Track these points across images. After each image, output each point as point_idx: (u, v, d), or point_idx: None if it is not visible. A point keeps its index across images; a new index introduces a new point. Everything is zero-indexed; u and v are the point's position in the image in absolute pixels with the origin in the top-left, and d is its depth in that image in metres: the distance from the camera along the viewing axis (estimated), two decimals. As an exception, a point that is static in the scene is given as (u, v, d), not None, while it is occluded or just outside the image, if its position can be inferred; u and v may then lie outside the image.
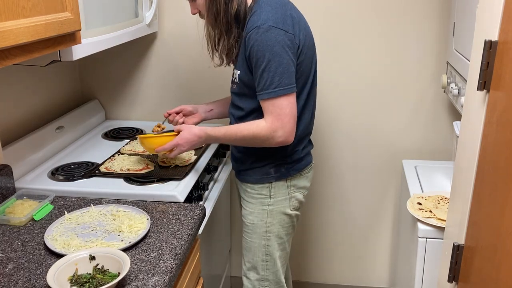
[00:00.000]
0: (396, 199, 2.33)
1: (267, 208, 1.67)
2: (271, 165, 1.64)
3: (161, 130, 1.90)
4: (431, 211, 1.63)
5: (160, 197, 1.57)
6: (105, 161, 1.80)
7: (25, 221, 1.42)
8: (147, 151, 1.81)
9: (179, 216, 1.46)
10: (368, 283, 2.49)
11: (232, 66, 1.69)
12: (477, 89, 1.05)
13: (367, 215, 2.39)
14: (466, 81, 1.30)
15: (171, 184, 1.64)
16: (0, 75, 1.72)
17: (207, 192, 1.83)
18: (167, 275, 1.19)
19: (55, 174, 1.72)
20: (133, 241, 1.30)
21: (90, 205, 1.51)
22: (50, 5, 1.25)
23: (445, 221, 1.51)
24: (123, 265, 1.14)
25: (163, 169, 1.74)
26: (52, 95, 2.07)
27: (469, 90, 1.13)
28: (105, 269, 1.17)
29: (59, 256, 1.23)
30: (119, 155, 1.86)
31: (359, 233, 2.42)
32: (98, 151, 1.94)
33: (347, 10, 2.11)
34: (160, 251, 1.28)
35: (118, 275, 1.14)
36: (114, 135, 2.15)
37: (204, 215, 1.54)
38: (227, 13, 1.54)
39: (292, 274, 2.24)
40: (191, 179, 1.69)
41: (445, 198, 1.70)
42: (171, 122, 1.86)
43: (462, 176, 1.17)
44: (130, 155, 1.86)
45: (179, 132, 1.64)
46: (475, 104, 1.09)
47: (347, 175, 2.34)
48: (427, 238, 1.59)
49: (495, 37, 1.00)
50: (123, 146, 1.96)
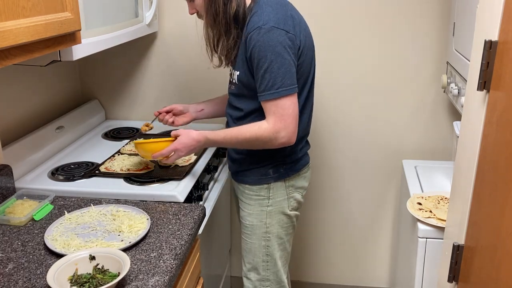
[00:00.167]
0: (396, 199, 2.33)
1: (266, 209, 1.66)
2: (270, 166, 1.64)
3: (149, 129, 1.87)
4: (431, 211, 1.63)
5: (160, 197, 1.57)
6: (105, 161, 1.80)
7: (25, 221, 1.42)
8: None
9: (179, 216, 1.46)
10: (368, 283, 2.49)
11: (229, 67, 1.69)
12: (477, 89, 1.05)
13: (367, 215, 2.39)
14: (466, 81, 1.30)
15: (171, 184, 1.64)
16: (0, 75, 1.73)
17: (207, 192, 1.83)
18: (167, 275, 1.19)
19: (55, 174, 1.72)
20: (133, 241, 1.31)
21: (90, 205, 1.51)
22: (50, 5, 1.25)
23: (445, 221, 1.51)
24: (123, 265, 1.14)
25: (163, 169, 1.74)
26: (52, 95, 2.07)
27: (469, 90, 1.13)
28: (105, 269, 1.17)
29: (59, 256, 1.23)
30: (119, 155, 1.87)
31: (359, 233, 2.42)
32: (98, 151, 1.94)
33: (347, 10, 2.11)
34: (160, 251, 1.28)
35: (118, 275, 1.14)
36: (114, 135, 2.15)
37: (204, 215, 1.54)
38: (226, 13, 1.52)
39: (291, 274, 2.24)
40: (191, 179, 1.69)
41: (445, 198, 1.70)
42: (161, 121, 1.85)
43: (462, 176, 1.17)
44: (130, 155, 1.86)
45: (176, 137, 1.60)
46: (475, 104, 1.09)
47: (347, 175, 2.34)
48: (427, 238, 1.59)
49: (495, 37, 1.00)
50: (123, 146, 1.96)
